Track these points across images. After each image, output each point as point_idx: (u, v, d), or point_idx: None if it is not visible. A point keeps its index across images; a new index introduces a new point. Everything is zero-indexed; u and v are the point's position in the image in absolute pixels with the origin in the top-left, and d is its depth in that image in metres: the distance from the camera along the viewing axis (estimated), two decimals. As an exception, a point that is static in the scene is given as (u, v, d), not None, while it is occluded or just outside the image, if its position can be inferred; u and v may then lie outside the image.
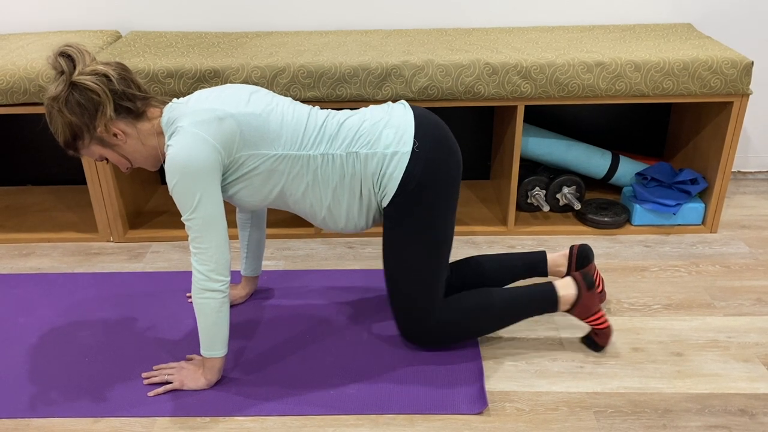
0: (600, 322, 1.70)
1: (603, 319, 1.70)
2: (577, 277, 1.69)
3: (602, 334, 1.71)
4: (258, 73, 2.05)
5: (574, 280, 1.69)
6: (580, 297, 1.67)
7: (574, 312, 1.69)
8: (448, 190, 1.59)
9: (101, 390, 1.63)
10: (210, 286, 1.49)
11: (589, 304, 1.68)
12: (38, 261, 2.22)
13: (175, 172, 1.43)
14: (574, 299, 1.68)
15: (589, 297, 1.67)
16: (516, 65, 2.05)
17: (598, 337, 1.73)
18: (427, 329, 1.67)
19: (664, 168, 2.35)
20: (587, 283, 1.68)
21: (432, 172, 1.55)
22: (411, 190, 1.54)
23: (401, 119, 1.57)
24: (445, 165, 1.57)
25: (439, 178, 1.56)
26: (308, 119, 1.56)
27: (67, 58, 1.43)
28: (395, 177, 1.54)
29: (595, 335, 1.73)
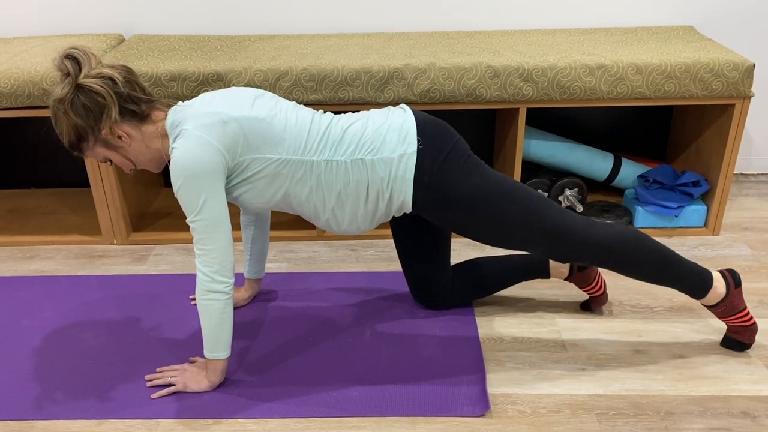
0: (746, 319, 1.68)
1: (749, 315, 1.68)
2: (726, 273, 1.67)
3: (750, 331, 1.69)
4: (261, 77, 2.06)
5: (723, 276, 1.66)
6: (729, 294, 1.66)
7: (719, 308, 1.67)
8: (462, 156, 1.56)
9: (105, 392, 1.64)
10: (214, 287, 1.50)
11: (736, 301, 1.66)
12: (42, 264, 2.23)
13: (179, 175, 1.44)
14: (723, 295, 1.65)
15: (736, 294, 1.66)
16: (518, 68, 2.06)
17: (742, 335, 1.70)
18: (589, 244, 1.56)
19: (666, 170, 2.35)
20: (735, 280, 1.66)
21: (441, 158, 1.54)
22: (428, 183, 1.54)
23: (402, 121, 1.58)
24: (447, 143, 1.56)
25: (447, 155, 1.55)
26: (311, 124, 1.56)
27: (73, 60, 1.44)
28: (408, 178, 1.54)
29: (737, 333, 1.70)
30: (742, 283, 1.66)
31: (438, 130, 1.58)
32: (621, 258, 1.59)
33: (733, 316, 1.68)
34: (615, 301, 1.96)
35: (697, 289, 1.64)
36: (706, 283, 1.64)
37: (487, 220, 1.56)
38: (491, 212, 1.55)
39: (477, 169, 1.57)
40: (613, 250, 1.58)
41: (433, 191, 1.55)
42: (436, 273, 1.82)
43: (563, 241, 1.57)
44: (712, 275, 1.65)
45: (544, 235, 1.56)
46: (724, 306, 1.67)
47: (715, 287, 1.65)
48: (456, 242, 2.30)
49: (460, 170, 1.55)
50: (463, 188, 1.55)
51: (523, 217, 1.55)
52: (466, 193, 1.54)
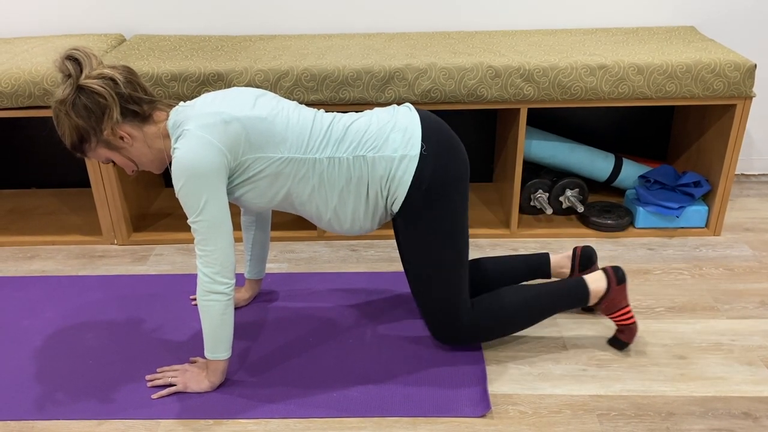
0: (626, 318, 1.70)
1: (630, 314, 1.70)
2: (608, 270, 1.70)
3: (628, 331, 1.72)
4: (261, 77, 2.06)
5: (606, 273, 1.70)
6: (609, 291, 1.68)
7: (601, 306, 1.70)
8: (459, 188, 1.59)
9: (105, 392, 1.64)
10: (215, 288, 1.50)
11: (617, 298, 1.68)
12: (43, 264, 2.23)
13: (181, 175, 1.44)
14: (603, 292, 1.68)
15: (618, 291, 1.68)
16: (519, 68, 2.06)
17: (623, 334, 1.73)
18: (458, 329, 1.66)
19: (667, 171, 2.35)
20: (618, 277, 1.68)
21: (441, 172, 1.55)
22: (422, 192, 1.55)
23: (408, 122, 1.58)
24: (454, 164, 1.57)
25: (448, 177, 1.56)
26: (314, 122, 1.56)
27: (74, 61, 1.44)
28: (405, 180, 1.54)
29: (620, 332, 1.73)
30: (626, 281, 1.69)
31: (446, 142, 1.58)
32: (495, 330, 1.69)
33: (614, 313, 1.71)
34: (616, 301, 1.96)
35: (578, 302, 1.70)
36: (582, 292, 1.69)
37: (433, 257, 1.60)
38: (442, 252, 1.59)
39: (463, 202, 1.60)
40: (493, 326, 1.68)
41: (423, 202, 1.56)
42: None
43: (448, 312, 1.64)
44: (584, 282, 1.69)
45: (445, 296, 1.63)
46: (605, 303, 1.70)
47: (592, 289, 1.69)
48: (457, 242, 2.30)
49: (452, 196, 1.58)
50: (446, 216, 1.57)
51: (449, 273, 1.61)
52: (446, 221, 1.58)
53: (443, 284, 1.62)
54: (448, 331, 1.68)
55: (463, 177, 1.60)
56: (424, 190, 1.54)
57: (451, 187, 1.57)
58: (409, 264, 1.64)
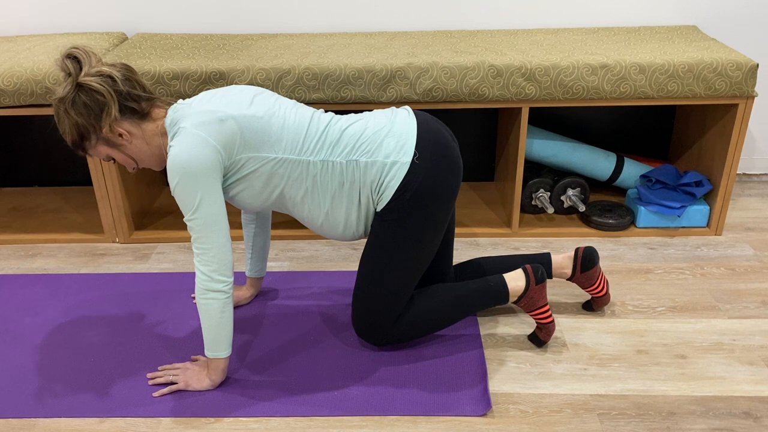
0: (544, 317, 1.72)
1: (548, 314, 1.72)
2: (528, 269, 1.71)
3: (545, 329, 1.73)
4: (263, 75, 2.06)
5: (525, 272, 1.71)
6: (528, 290, 1.69)
7: (520, 304, 1.72)
8: (444, 202, 1.59)
9: (106, 390, 1.64)
10: (213, 286, 1.50)
11: (535, 297, 1.70)
12: (44, 261, 2.23)
13: (176, 173, 1.44)
14: (522, 291, 1.70)
15: (536, 291, 1.69)
16: (520, 67, 2.05)
17: (541, 332, 1.75)
18: (386, 331, 1.69)
19: (668, 170, 2.35)
20: (537, 277, 1.69)
21: (429, 184, 1.55)
22: (407, 199, 1.55)
23: (403, 128, 1.57)
24: (444, 177, 1.57)
25: (436, 190, 1.56)
26: (310, 124, 1.56)
27: (73, 59, 1.44)
28: (392, 185, 1.54)
29: (539, 330, 1.75)
30: (545, 280, 1.70)
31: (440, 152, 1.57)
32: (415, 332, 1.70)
33: (534, 311, 1.72)
34: (617, 301, 1.96)
35: (499, 300, 1.71)
36: (500, 292, 1.70)
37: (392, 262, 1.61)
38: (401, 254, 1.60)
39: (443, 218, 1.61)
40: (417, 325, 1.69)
41: (403, 207, 1.56)
42: (438, 272, 1.82)
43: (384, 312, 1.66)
44: (503, 281, 1.71)
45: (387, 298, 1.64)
46: (524, 301, 1.71)
47: (511, 288, 1.70)
48: (458, 242, 2.30)
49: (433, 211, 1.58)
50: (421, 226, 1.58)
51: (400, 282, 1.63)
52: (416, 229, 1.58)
53: (389, 289, 1.63)
54: (375, 332, 1.69)
55: (452, 191, 1.61)
56: (409, 198, 1.55)
57: (437, 199, 1.57)
58: (368, 258, 1.64)
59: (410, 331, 1.70)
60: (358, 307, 1.69)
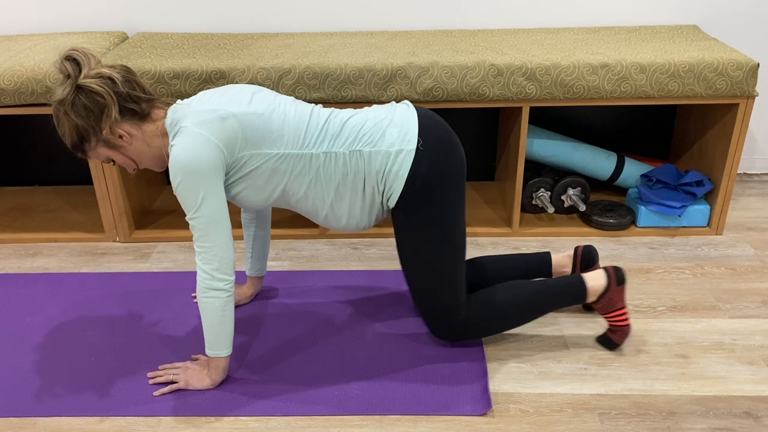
0: (622, 319, 1.70)
1: (625, 316, 1.70)
2: (609, 270, 1.70)
3: (621, 332, 1.72)
4: (263, 74, 2.06)
5: (606, 272, 1.70)
6: (608, 290, 1.68)
7: (597, 305, 1.70)
8: (455, 186, 1.59)
9: (107, 389, 1.64)
10: (214, 285, 1.50)
11: (615, 298, 1.68)
12: (45, 261, 2.23)
13: (178, 172, 1.44)
14: (602, 291, 1.69)
15: (616, 292, 1.68)
16: (521, 67, 2.05)
17: (615, 335, 1.73)
18: (455, 326, 1.67)
19: (669, 170, 2.35)
20: (618, 277, 1.68)
21: (437, 169, 1.55)
22: (418, 188, 1.55)
23: (404, 117, 1.58)
24: (450, 161, 1.57)
25: (445, 174, 1.56)
26: (310, 117, 1.56)
27: (72, 61, 1.44)
28: (401, 175, 1.54)
29: (612, 332, 1.73)
30: (625, 282, 1.69)
31: (442, 138, 1.58)
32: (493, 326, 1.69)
33: (610, 313, 1.71)
34: (617, 300, 1.96)
35: (577, 299, 1.70)
36: (579, 289, 1.69)
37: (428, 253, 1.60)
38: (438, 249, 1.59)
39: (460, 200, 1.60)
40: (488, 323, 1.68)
41: (419, 198, 1.55)
42: None
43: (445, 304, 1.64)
44: (582, 279, 1.69)
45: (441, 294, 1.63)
46: (602, 302, 1.70)
47: (590, 287, 1.69)
48: (458, 241, 2.30)
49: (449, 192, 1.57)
50: (441, 212, 1.57)
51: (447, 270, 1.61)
52: (440, 218, 1.57)
53: (439, 280, 1.62)
54: (446, 327, 1.68)
55: (460, 173, 1.60)
56: (420, 185, 1.54)
57: (448, 182, 1.57)
58: (406, 259, 1.64)
59: (483, 327, 1.68)
60: (423, 308, 1.69)
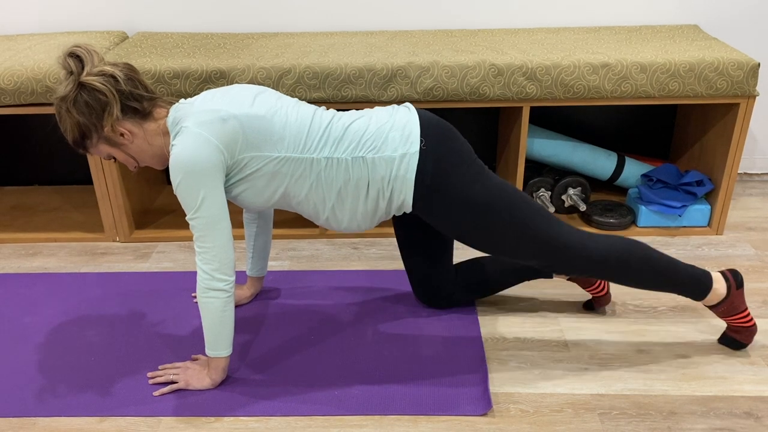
0: (746, 320, 1.69)
1: (749, 317, 1.69)
2: (727, 274, 1.67)
3: (747, 332, 1.71)
4: (264, 74, 2.06)
5: (725, 277, 1.67)
6: (729, 295, 1.66)
7: (718, 310, 1.68)
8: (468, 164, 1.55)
9: (107, 389, 1.64)
10: (214, 285, 1.50)
11: (736, 302, 1.67)
12: (44, 260, 2.23)
13: (178, 172, 1.44)
14: (723, 296, 1.66)
15: (737, 295, 1.67)
16: (521, 66, 2.05)
17: (740, 335, 1.71)
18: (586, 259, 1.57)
19: (669, 169, 2.34)
20: (737, 281, 1.67)
21: (443, 161, 1.53)
22: (428, 185, 1.53)
23: (405, 120, 1.57)
24: (452, 149, 1.55)
25: (451, 161, 1.54)
26: (312, 121, 1.56)
27: (75, 58, 1.44)
28: (409, 178, 1.53)
29: (736, 332, 1.71)
30: (743, 284, 1.67)
31: (442, 132, 1.57)
32: (617, 271, 1.60)
33: (733, 316, 1.69)
34: (618, 300, 1.96)
35: (697, 293, 1.65)
36: (705, 286, 1.64)
37: (485, 228, 1.55)
38: (490, 221, 1.54)
39: (479, 176, 1.55)
40: (608, 264, 1.59)
41: (434, 193, 1.54)
42: (438, 272, 1.82)
43: (558, 255, 1.57)
44: (711, 277, 1.65)
45: (540, 248, 1.56)
46: (724, 306, 1.67)
47: (715, 289, 1.65)
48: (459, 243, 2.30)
49: (462, 175, 1.55)
50: (464, 194, 1.53)
51: (521, 229, 1.54)
52: (466, 198, 1.53)
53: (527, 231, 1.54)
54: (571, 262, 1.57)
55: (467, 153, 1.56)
56: (430, 182, 1.53)
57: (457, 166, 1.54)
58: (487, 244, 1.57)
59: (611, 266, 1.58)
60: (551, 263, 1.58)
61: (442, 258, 1.80)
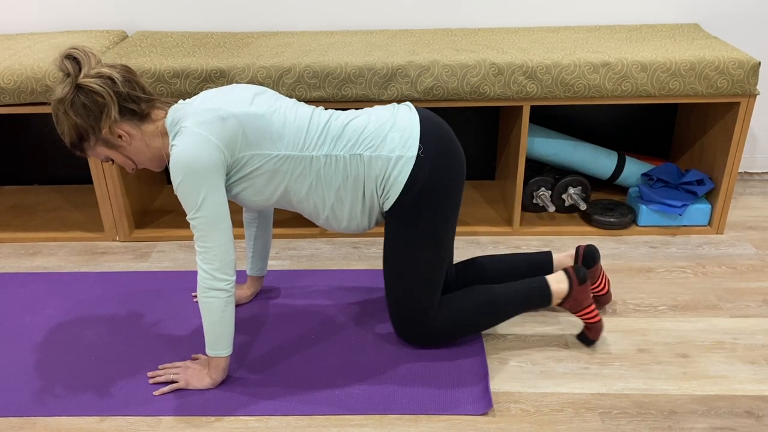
0: (591, 316, 1.71)
1: (594, 313, 1.71)
2: (569, 271, 1.70)
3: (594, 329, 1.73)
4: (264, 73, 2.06)
5: (567, 274, 1.70)
6: (572, 291, 1.68)
7: (565, 305, 1.71)
8: (452, 194, 1.59)
9: (107, 389, 1.64)
10: (215, 285, 1.50)
11: (580, 297, 1.69)
12: (44, 260, 2.23)
13: (179, 171, 1.44)
14: (566, 293, 1.69)
15: (580, 291, 1.69)
16: (522, 65, 2.05)
17: (589, 332, 1.74)
18: (424, 329, 1.68)
19: (670, 169, 2.34)
20: (579, 277, 1.69)
21: (436, 177, 1.55)
22: (415, 194, 1.55)
23: (407, 122, 1.57)
24: (450, 170, 1.57)
25: (443, 183, 1.56)
26: (311, 120, 1.56)
27: (72, 60, 1.44)
28: (399, 181, 1.54)
29: (587, 330, 1.74)
30: (587, 280, 1.69)
31: (446, 148, 1.58)
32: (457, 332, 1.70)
33: (579, 312, 1.71)
34: (618, 299, 1.96)
35: (543, 302, 1.70)
36: (544, 294, 1.69)
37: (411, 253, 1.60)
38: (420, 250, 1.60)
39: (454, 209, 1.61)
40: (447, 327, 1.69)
41: (413, 202, 1.55)
42: None
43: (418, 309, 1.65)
44: (546, 283, 1.70)
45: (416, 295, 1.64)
46: (568, 303, 1.70)
47: (554, 290, 1.69)
48: (459, 241, 2.30)
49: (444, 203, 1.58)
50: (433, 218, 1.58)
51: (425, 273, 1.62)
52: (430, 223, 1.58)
53: (419, 287, 1.63)
54: (415, 332, 1.69)
55: (458, 182, 1.61)
56: (417, 193, 1.54)
57: (445, 192, 1.57)
58: (391, 261, 1.64)
59: (452, 331, 1.70)
60: (395, 313, 1.69)
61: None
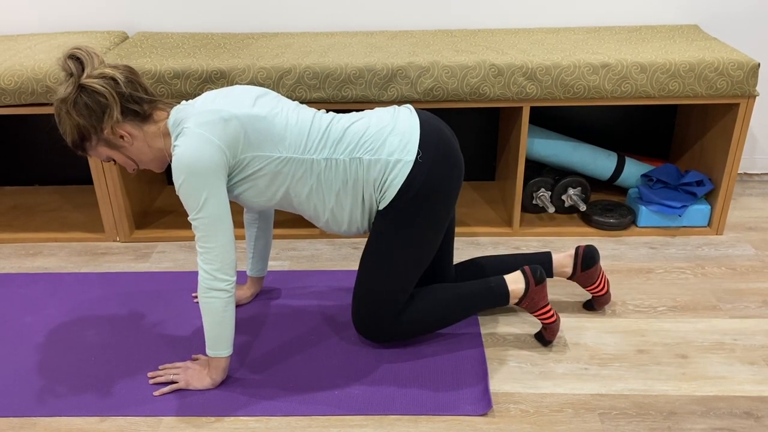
0: (547, 317, 1.72)
1: (551, 313, 1.72)
2: (527, 271, 1.71)
3: (550, 329, 1.74)
4: (264, 74, 2.06)
5: (524, 274, 1.71)
6: (528, 291, 1.69)
7: (522, 305, 1.72)
8: (445, 202, 1.60)
9: (107, 389, 1.64)
10: (215, 285, 1.50)
11: (537, 298, 1.70)
12: (45, 260, 2.23)
13: (181, 172, 1.44)
14: (522, 293, 1.70)
15: (536, 291, 1.69)
16: (521, 66, 2.05)
17: (546, 332, 1.75)
18: (386, 329, 1.69)
19: (669, 169, 2.34)
20: (536, 278, 1.69)
21: (432, 183, 1.55)
22: (409, 198, 1.55)
23: (407, 126, 1.57)
24: (447, 178, 1.58)
25: (438, 188, 1.56)
26: (312, 123, 1.57)
27: (75, 60, 1.44)
28: (395, 184, 1.54)
29: (544, 330, 1.75)
30: (545, 281, 1.70)
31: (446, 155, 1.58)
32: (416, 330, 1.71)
33: (536, 312, 1.72)
34: (618, 300, 1.96)
35: (498, 302, 1.71)
36: (501, 295, 1.71)
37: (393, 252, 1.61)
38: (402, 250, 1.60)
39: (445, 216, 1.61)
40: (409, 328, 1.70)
41: (406, 205, 1.56)
42: (439, 271, 1.82)
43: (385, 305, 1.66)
44: (504, 283, 1.71)
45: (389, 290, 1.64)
46: (525, 302, 1.71)
47: (512, 290, 1.70)
48: (458, 241, 2.30)
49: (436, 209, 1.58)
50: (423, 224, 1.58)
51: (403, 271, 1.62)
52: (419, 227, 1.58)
53: (391, 289, 1.63)
54: (376, 330, 1.69)
55: (454, 191, 1.61)
56: (411, 196, 1.55)
57: (439, 199, 1.58)
58: (369, 252, 1.64)
59: (410, 330, 1.70)
60: (358, 306, 1.69)
61: (443, 256, 1.81)
